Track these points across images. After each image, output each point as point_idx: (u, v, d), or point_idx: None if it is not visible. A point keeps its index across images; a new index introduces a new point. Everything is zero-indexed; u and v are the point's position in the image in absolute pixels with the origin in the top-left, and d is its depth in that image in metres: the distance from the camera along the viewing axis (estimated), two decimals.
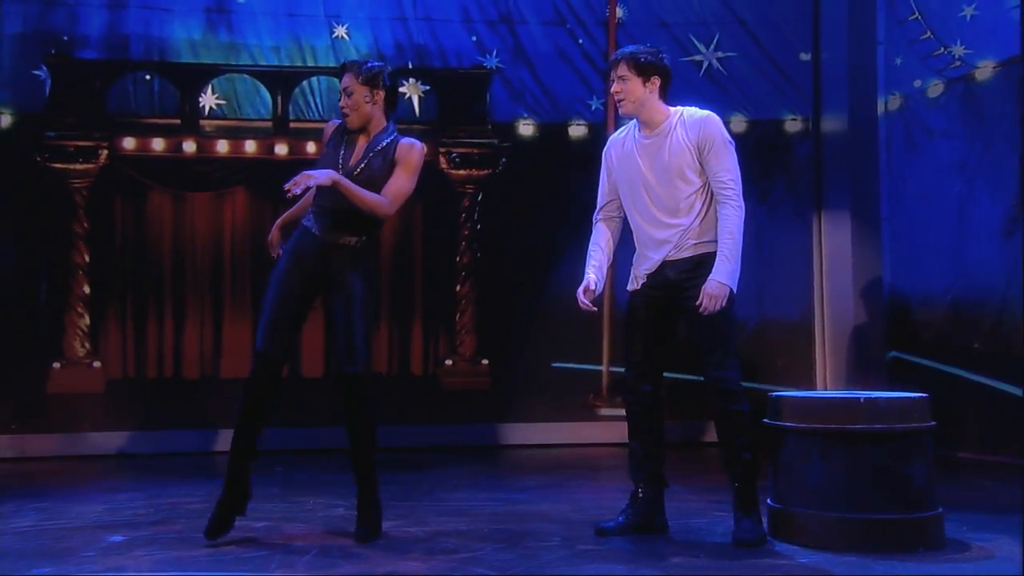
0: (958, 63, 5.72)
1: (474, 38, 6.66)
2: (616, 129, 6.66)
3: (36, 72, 6.23)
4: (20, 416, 6.11)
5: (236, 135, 6.45)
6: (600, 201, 3.66)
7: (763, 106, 6.78)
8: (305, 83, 6.56)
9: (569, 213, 6.62)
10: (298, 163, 6.50)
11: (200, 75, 6.42)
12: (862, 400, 2.91)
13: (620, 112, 3.53)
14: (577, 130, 6.74)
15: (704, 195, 3.36)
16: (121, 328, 6.34)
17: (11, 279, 6.22)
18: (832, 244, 6.52)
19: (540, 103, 6.72)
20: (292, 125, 6.51)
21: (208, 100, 6.42)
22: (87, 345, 6.27)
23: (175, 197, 6.45)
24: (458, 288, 6.65)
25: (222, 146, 6.45)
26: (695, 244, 3.34)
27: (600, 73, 6.74)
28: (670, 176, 3.35)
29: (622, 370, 6.74)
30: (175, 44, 6.44)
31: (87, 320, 6.28)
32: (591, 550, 3.10)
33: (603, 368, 6.67)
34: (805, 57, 6.77)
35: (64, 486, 4.61)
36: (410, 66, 6.63)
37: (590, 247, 3.65)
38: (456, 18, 6.66)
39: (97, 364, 6.28)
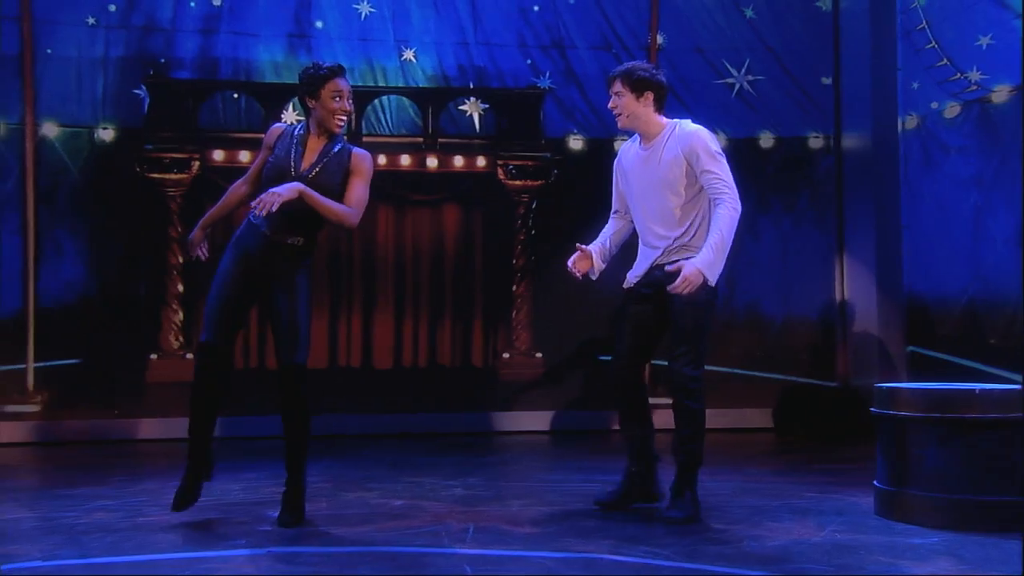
0: (974, 87, 5.79)
1: (529, 61, 6.70)
2: None
3: (136, 91, 6.25)
4: (122, 402, 6.14)
5: None
6: (614, 206, 3.65)
7: (788, 124, 6.86)
8: (376, 101, 6.59)
9: None
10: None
11: (282, 93, 6.44)
12: (978, 392, 2.97)
13: (618, 126, 3.47)
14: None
15: (696, 208, 3.28)
16: None
17: (114, 279, 6.24)
18: (854, 249, 6.60)
19: (588, 120, 6.76)
20: (365, 139, 6.53)
21: (289, 116, 6.44)
22: (181, 339, 6.29)
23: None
24: (514, 288, 6.69)
25: None
26: (683, 250, 3.28)
27: None
28: (661, 187, 3.29)
29: (660, 363, 6.86)
30: (260, 66, 6.46)
31: (181, 316, 6.30)
32: (735, 529, 3.05)
33: None
34: (826, 81, 6.85)
35: (173, 467, 4.56)
36: (471, 86, 6.67)
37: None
38: (513, 43, 6.70)
39: (190, 356, 6.29)
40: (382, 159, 6.52)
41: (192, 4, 6.35)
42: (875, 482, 3.24)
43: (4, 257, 6.02)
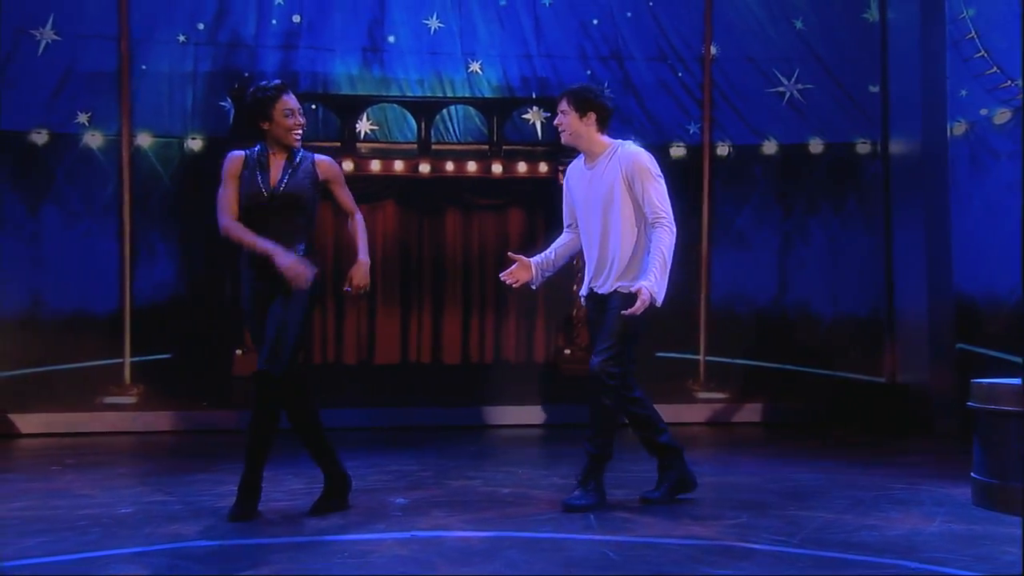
0: None
1: (589, 72, 6.74)
2: (711, 150, 6.80)
3: (222, 103, 6.37)
4: (209, 395, 6.27)
5: (387, 156, 6.57)
6: (565, 220, 3.60)
7: (837, 131, 6.85)
8: (445, 111, 6.67)
9: None
10: (439, 180, 6.65)
11: (357, 105, 6.54)
12: None
13: (562, 142, 3.45)
14: (677, 151, 6.81)
15: (634, 226, 3.25)
16: None
17: (201, 278, 6.37)
18: (903, 249, 6.57)
19: (645, 128, 6.78)
20: (434, 147, 6.62)
21: (364, 126, 6.54)
22: None
23: (335, 209, 6.55)
24: (574, 287, 6.72)
25: (375, 165, 6.57)
26: (622, 274, 3.25)
27: (697, 102, 6.83)
28: (601, 205, 3.27)
29: (715, 359, 6.86)
30: (336, 78, 6.56)
31: None
32: (845, 519, 2.98)
33: (700, 357, 6.73)
34: (874, 89, 6.83)
35: (290, 455, 4.55)
36: (534, 96, 6.72)
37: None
38: (573, 55, 6.75)
39: None
40: (450, 166, 6.61)
41: (274, 22, 6.46)
42: (973, 474, 3.23)
43: (103, 260, 6.18)
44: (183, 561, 2.51)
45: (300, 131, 3.23)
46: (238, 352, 6.36)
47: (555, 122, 3.40)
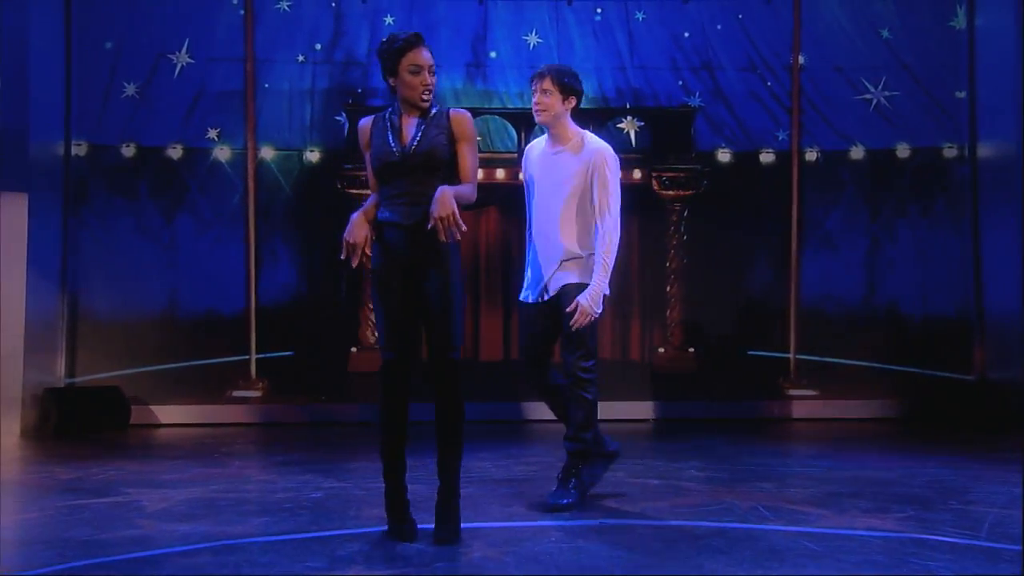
0: None
1: (680, 82, 6.74)
2: (800, 156, 6.74)
3: (337, 117, 6.53)
4: (328, 390, 6.43)
5: (489, 165, 6.65)
6: (530, 213, 3.40)
7: (924, 136, 6.73)
8: None
9: (760, 226, 6.70)
10: None
11: None
12: None
13: (537, 120, 3.31)
14: (767, 157, 6.77)
15: (586, 217, 3.21)
16: None
17: (318, 281, 6.54)
18: (994, 250, 6.44)
19: (736, 135, 6.76)
20: None
21: None
22: (377, 333, 6.53)
23: (478, 205, 6.67)
24: (668, 288, 6.74)
25: (479, 174, 6.62)
26: (574, 259, 3.21)
27: (785, 109, 6.78)
28: (562, 192, 3.20)
29: (805, 357, 6.79)
30: (441, 92, 6.66)
31: None
32: (1014, 512, 2.91)
33: (791, 355, 6.68)
34: (960, 95, 6.70)
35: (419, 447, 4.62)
36: (627, 106, 6.74)
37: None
38: (666, 66, 6.75)
39: None
40: None
41: (385, 40, 6.59)
42: None
43: (231, 264, 6.39)
44: (404, 542, 2.59)
45: (428, 92, 2.81)
46: (353, 350, 6.51)
47: (535, 100, 3.23)
